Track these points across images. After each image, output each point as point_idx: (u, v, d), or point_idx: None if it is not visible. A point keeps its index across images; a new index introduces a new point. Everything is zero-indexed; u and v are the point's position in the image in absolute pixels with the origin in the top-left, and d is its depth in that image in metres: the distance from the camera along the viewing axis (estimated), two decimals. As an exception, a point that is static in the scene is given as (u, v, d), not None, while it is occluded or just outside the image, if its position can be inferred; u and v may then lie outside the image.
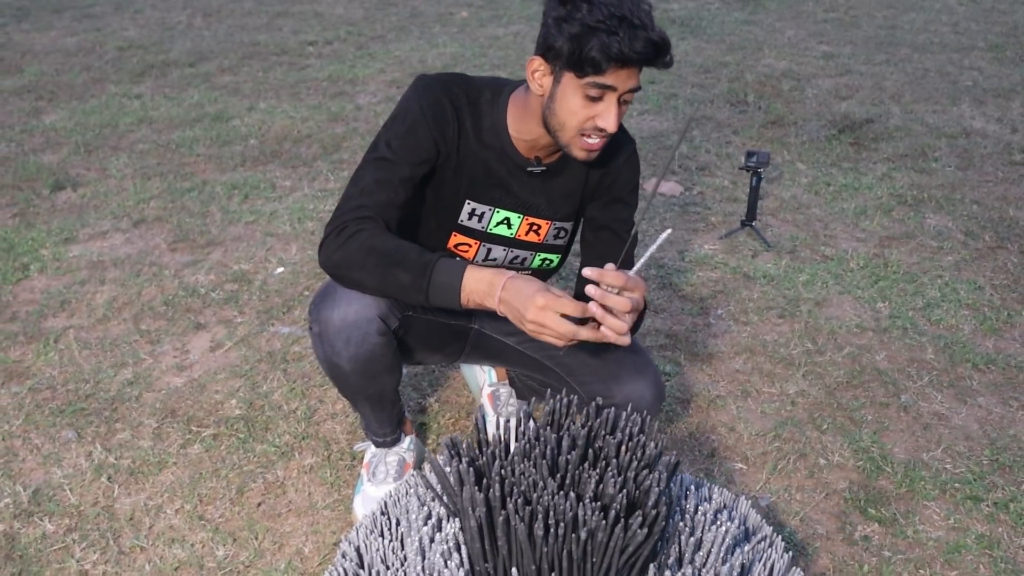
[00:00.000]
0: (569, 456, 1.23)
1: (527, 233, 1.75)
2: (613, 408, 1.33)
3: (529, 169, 1.67)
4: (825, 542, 1.87)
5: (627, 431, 1.30)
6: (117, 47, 6.13)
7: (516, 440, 1.29)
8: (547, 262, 1.83)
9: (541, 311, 1.35)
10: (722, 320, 2.68)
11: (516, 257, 1.79)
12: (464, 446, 1.29)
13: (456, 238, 1.74)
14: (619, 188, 1.74)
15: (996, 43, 6.33)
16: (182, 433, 2.20)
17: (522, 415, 1.35)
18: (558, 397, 1.34)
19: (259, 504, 1.98)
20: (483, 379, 2.22)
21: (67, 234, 3.27)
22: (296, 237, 3.20)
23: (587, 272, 1.36)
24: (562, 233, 1.79)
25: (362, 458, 2.07)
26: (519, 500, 1.17)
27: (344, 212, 1.54)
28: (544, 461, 1.22)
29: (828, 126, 4.43)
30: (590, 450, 1.27)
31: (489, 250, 1.76)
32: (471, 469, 1.22)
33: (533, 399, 1.43)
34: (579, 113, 1.49)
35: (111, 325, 2.68)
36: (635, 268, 1.41)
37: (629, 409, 1.46)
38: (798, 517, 1.93)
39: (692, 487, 1.47)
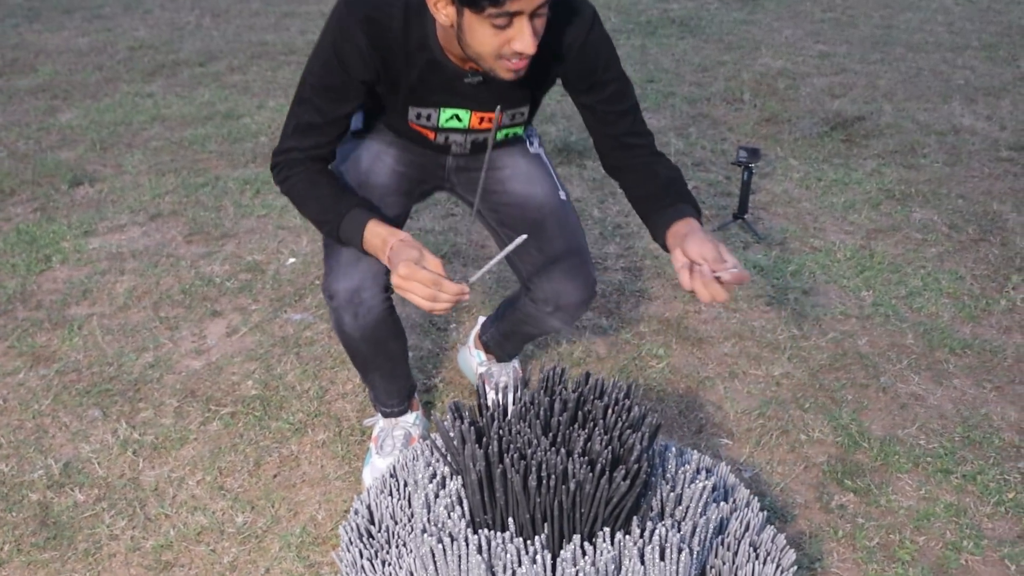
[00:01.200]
0: (560, 417, 1.37)
1: (480, 123, 1.76)
2: (601, 376, 1.46)
3: (467, 80, 1.65)
4: (803, 510, 2.01)
5: (613, 396, 1.43)
6: (128, 47, 6.27)
7: (513, 404, 1.43)
8: (511, 134, 1.88)
9: (402, 280, 1.43)
10: (712, 307, 2.82)
11: (476, 138, 1.82)
12: (467, 410, 1.42)
13: (414, 127, 1.78)
14: (592, 72, 1.69)
15: (990, 42, 6.45)
16: (202, 411, 2.34)
17: (519, 383, 1.48)
18: (553, 367, 1.48)
19: (275, 476, 2.12)
20: (475, 363, 2.36)
21: (86, 227, 3.41)
22: (306, 230, 3.34)
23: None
24: (518, 116, 1.80)
25: (371, 433, 2.21)
26: (515, 455, 1.31)
27: (279, 152, 1.68)
28: (538, 422, 1.36)
29: (821, 123, 4.56)
30: (580, 413, 1.41)
31: (447, 136, 1.79)
32: (472, 429, 1.36)
33: (530, 368, 1.56)
34: (491, 42, 1.43)
35: (131, 312, 2.82)
36: (478, 274, 1.48)
37: (550, 308, 1.84)
38: (778, 487, 2.06)
39: (675, 451, 1.61)
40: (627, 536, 1.32)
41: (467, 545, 1.30)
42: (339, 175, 1.80)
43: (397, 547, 1.45)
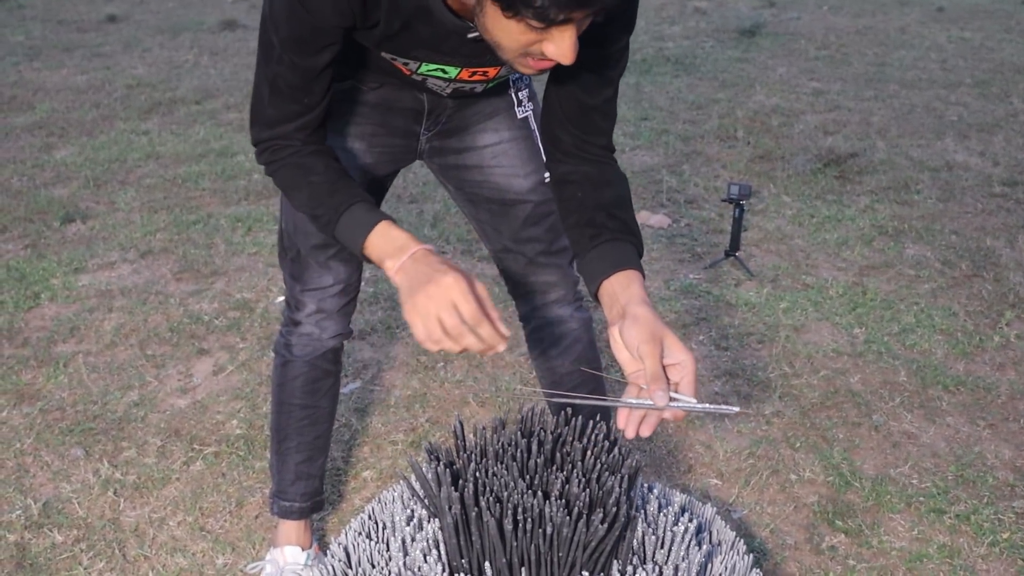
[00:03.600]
0: (538, 459, 1.34)
1: (471, 76, 1.43)
2: (580, 416, 1.43)
3: (470, 36, 1.27)
4: (793, 551, 1.97)
5: (593, 437, 1.41)
6: (126, 85, 6.31)
7: (491, 445, 1.41)
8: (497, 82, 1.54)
9: (450, 288, 1.20)
10: (703, 345, 2.79)
11: (461, 87, 1.49)
12: (443, 451, 1.40)
13: (385, 58, 1.42)
14: (616, 18, 1.30)
15: (982, 79, 6.48)
16: (185, 451, 2.31)
17: (497, 423, 1.45)
18: (529, 408, 1.45)
19: (257, 516, 2.08)
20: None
21: (76, 264, 3.40)
22: (296, 267, 3.33)
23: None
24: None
25: None
26: (491, 498, 1.28)
27: (261, 125, 1.37)
28: (514, 464, 1.33)
29: (814, 160, 4.56)
30: (558, 454, 1.38)
31: (425, 79, 1.45)
32: (448, 471, 1.33)
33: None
34: (517, 39, 1.10)
35: (118, 350, 2.80)
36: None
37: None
38: (768, 529, 2.03)
39: (657, 492, 1.58)
40: (606, 581, 1.29)
41: (442, 590, 1.27)
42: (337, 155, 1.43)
43: (373, 592, 1.42)
